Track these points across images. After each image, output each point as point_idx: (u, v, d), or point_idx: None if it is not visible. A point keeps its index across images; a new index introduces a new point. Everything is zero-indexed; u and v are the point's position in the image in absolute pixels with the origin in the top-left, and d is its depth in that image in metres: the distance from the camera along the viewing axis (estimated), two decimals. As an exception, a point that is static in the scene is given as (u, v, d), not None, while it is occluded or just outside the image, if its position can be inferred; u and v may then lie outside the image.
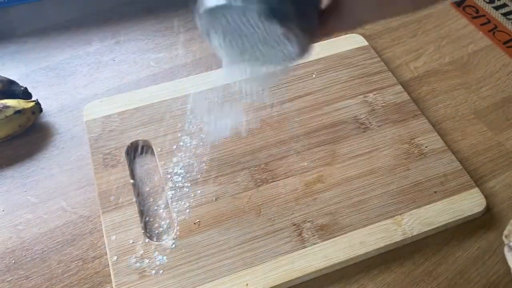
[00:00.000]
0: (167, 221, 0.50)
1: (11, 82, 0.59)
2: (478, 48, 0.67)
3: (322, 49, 0.64)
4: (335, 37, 0.66)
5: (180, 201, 0.50)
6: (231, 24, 0.35)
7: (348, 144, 0.55)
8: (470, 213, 0.50)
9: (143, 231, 0.48)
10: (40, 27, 0.70)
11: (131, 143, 0.55)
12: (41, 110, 0.58)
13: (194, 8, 0.36)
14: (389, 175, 0.52)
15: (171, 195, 0.51)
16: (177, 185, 0.51)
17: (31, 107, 0.57)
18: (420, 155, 0.54)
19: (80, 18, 0.71)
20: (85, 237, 0.49)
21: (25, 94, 0.59)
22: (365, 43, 0.65)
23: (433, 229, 0.49)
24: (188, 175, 0.52)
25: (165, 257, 0.46)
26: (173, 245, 0.47)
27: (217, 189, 0.51)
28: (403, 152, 0.54)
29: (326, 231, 0.48)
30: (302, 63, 0.62)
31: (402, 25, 0.70)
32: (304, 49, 0.37)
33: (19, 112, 0.55)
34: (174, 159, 0.53)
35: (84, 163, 0.55)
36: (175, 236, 0.48)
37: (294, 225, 0.48)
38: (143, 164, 0.54)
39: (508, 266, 0.47)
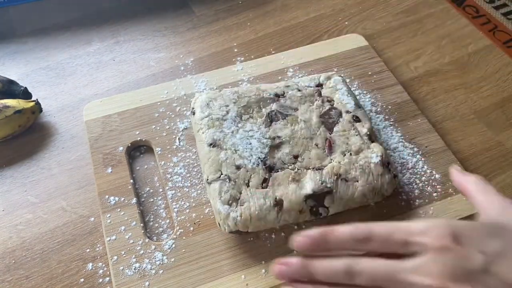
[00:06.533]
0: (167, 221, 0.50)
1: (11, 82, 0.59)
2: (478, 48, 0.67)
3: (322, 49, 0.64)
4: (335, 37, 0.67)
5: (180, 201, 0.50)
6: None
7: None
8: (470, 213, 0.50)
9: (143, 231, 0.48)
10: (40, 27, 0.70)
11: (131, 143, 0.55)
12: (41, 110, 0.58)
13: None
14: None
15: (171, 195, 0.51)
16: (177, 185, 0.51)
17: (31, 107, 0.57)
18: (420, 155, 0.54)
19: (80, 18, 0.71)
20: (85, 237, 0.49)
21: (25, 94, 0.59)
22: (365, 43, 0.65)
23: (433, 229, 0.49)
24: (188, 175, 0.52)
25: (165, 257, 0.46)
26: (173, 245, 0.47)
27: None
28: (403, 152, 0.54)
29: (326, 231, 0.48)
30: (302, 63, 0.63)
31: (402, 25, 0.70)
32: None
33: (19, 112, 0.55)
34: (174, 159, 0.53)
35: (84, 163, 0.55)
36: (175, 236, 0.48)
37: (294, 224, 0.48)
38: (143, 164, 0.54)
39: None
